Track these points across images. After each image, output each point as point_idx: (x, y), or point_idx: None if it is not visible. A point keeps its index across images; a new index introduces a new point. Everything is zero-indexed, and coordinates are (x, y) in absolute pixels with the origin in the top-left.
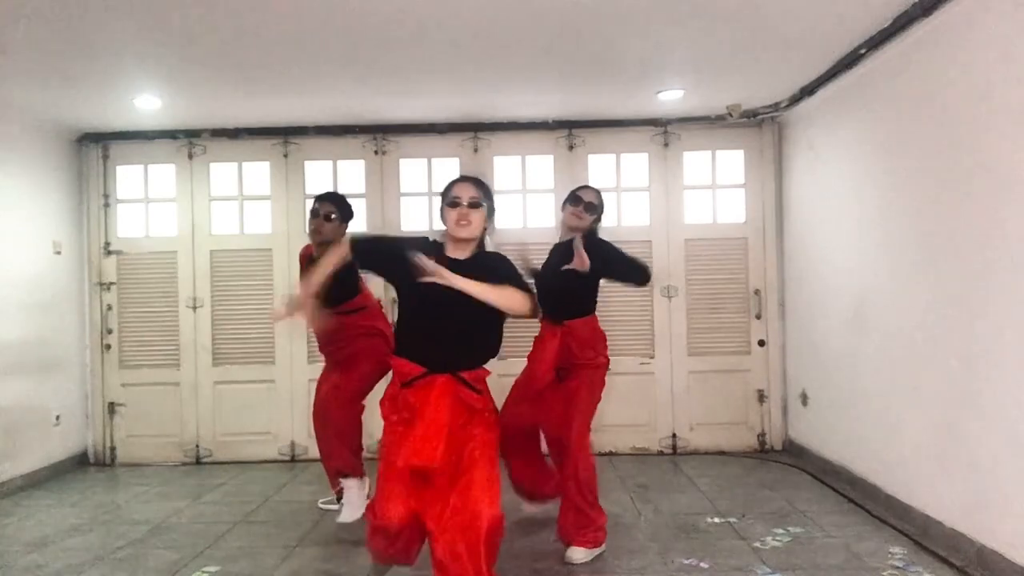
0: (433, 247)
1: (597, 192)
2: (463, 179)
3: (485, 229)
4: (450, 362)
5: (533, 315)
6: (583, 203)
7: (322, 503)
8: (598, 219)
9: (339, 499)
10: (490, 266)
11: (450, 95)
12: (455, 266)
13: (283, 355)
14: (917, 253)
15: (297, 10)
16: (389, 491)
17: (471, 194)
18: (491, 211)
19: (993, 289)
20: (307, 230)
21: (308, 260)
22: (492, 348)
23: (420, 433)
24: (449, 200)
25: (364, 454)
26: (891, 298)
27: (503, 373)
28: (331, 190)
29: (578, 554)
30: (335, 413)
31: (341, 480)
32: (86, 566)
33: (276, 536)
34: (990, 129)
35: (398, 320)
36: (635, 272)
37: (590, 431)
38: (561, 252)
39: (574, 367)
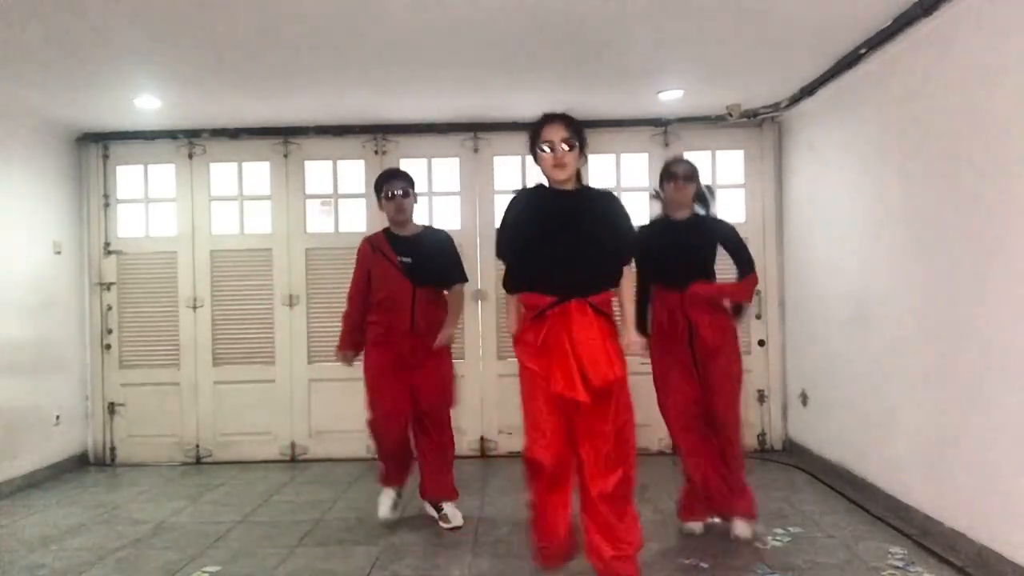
0: (536, 191)
1: (686, 161)
2: (552, 118)
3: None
4: (579, 287)
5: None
6: (679, 176)
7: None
8: (698, 185)
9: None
10: (604, 202)
11: (450, 95)
12: (566, 197)
13: (283, 355)
14: (917, 253)
15: (297, 10)
16: (544, 427)
17: (563, 135)
18: (583, 146)
19: (993, 289)
20: (386, 214)
21: (370, 250)
22: (614, 271)
23: (587, 359)
24: (542, 143)
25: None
26: (891, 298)
27: None
28: (392, 168)
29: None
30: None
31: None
32: (86, 566)
33: (276, 536)
34: (991, 129)
35: (517, 259)
36: (748, 262)
37: None
38: (679, 229)
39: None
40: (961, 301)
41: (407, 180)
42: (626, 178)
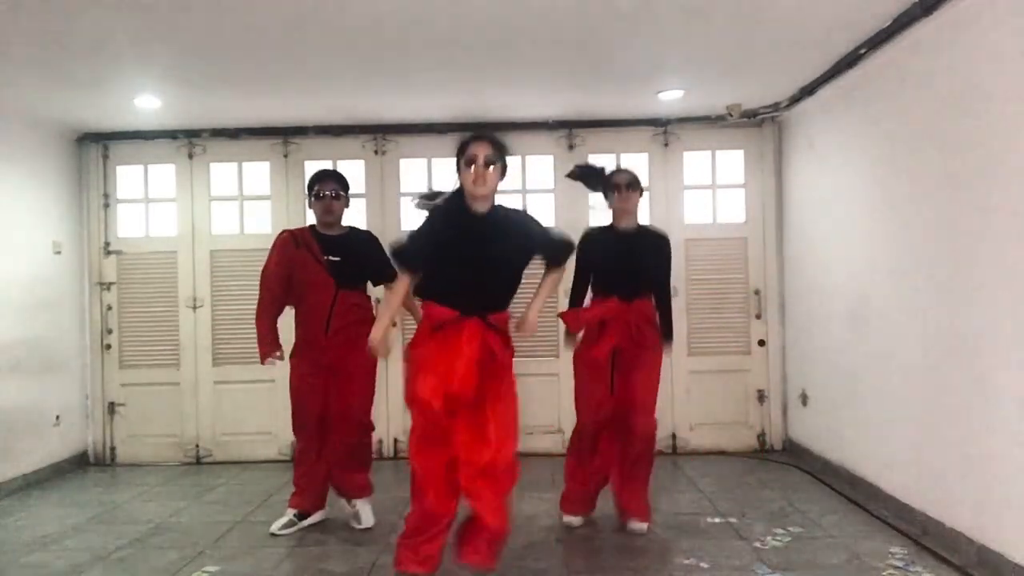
0: (455, 208)
1: (627, 170)
2: (478, 137)
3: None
4: (480, 306)
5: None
6: (624, 186)
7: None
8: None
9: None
10: (512, 220)
11: (450, 95)
12: (478, 221)
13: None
14: (917, 253)
15: (298, 10)
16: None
17: (486, 152)
18: (504, 169)
19: (993, 288)
20: (314, 213)
21: (293, 243)
22: (513, 292)
23: (457, 366)
24: (466, 158)
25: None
26: (891, 298)
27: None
28: (326, 168)
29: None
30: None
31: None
32: (86, 566)
33: (276, 536)
34: (991, 129)
35: (428, 272)
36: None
37: None
38: (626, 241)
39: (635, 347)
40: (961, 301)
41: (341, 182)
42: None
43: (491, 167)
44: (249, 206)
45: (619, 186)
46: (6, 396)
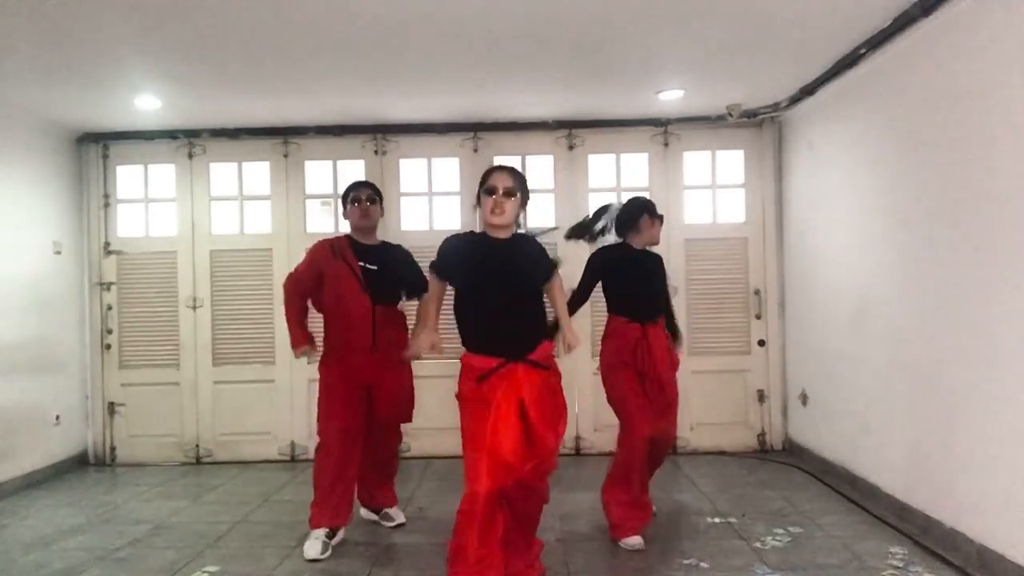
0: (476, 237)
1: (643, 199)
2: (499, 168)
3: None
4: (520, 348)
5: None
6: (660, 216)
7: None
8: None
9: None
10: (526, 248)
11: (450, 95)
12: (498, 248)
13: (283, 355)
14: (917, 252)
15: (298, 10)
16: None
17: (506, 184)
18: (525, 199)
19: (992, 288)
20: (350, 220)
21: (330, 251)
22: (540, 320)
23: (505, 440)
24: (486, 189)
25: None
26: (891, 298)
27: None
28: (362, 179)
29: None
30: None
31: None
32: (86, 566)
33: (276, 536)
34: (990, 129)
35: (462, 319)
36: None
37: None
38: (647, 261)
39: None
40: (961, 300)
41: (375, 190)
42: (626, 178)
43: (511, 198)
44: (249, 206)
45: (660, 217)
46: (6, 396)
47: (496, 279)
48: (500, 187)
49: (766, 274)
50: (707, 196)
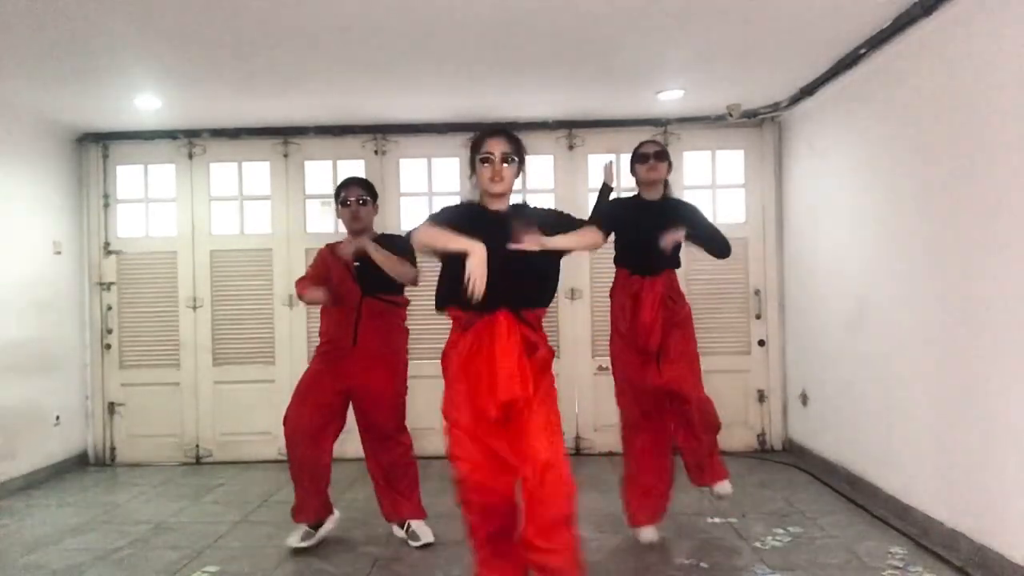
0: (472, 207)
1: (655, 141)
2: (494, 132)
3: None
4: (509, 300)
5: (603, 243)
6: (651, 156)
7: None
8: (670, 167)
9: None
10: (529, 216)
11: (450, 95)
12: (497, 219)
13: (283, 355)
14: (917, 252)
15: (298, 10)
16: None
17: (503, 149)
18: (521, 165)
19: (992, 288)
20: (342, 221)
21: (329, 253)
22: (545, 290)
23: (501, 371)
24: (481, 155)
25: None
26: (891, 298)
27: None
28: (355, 176)
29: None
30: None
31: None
32: (86, 566)
33: (276, 536)
34: (990, 129)
35: (449, 275)
36: (718, 242)
37: None
38: (649, 210)
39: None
40: (961, 300)
41: (367, 189)
42: (626, 178)
43: (508, 164)
44: (249, 206)
45: (646, 156)
46: (6, 396)
47: (494, 256)
48: (497, 152)
49: (766, 274)
50: (707, 196)
